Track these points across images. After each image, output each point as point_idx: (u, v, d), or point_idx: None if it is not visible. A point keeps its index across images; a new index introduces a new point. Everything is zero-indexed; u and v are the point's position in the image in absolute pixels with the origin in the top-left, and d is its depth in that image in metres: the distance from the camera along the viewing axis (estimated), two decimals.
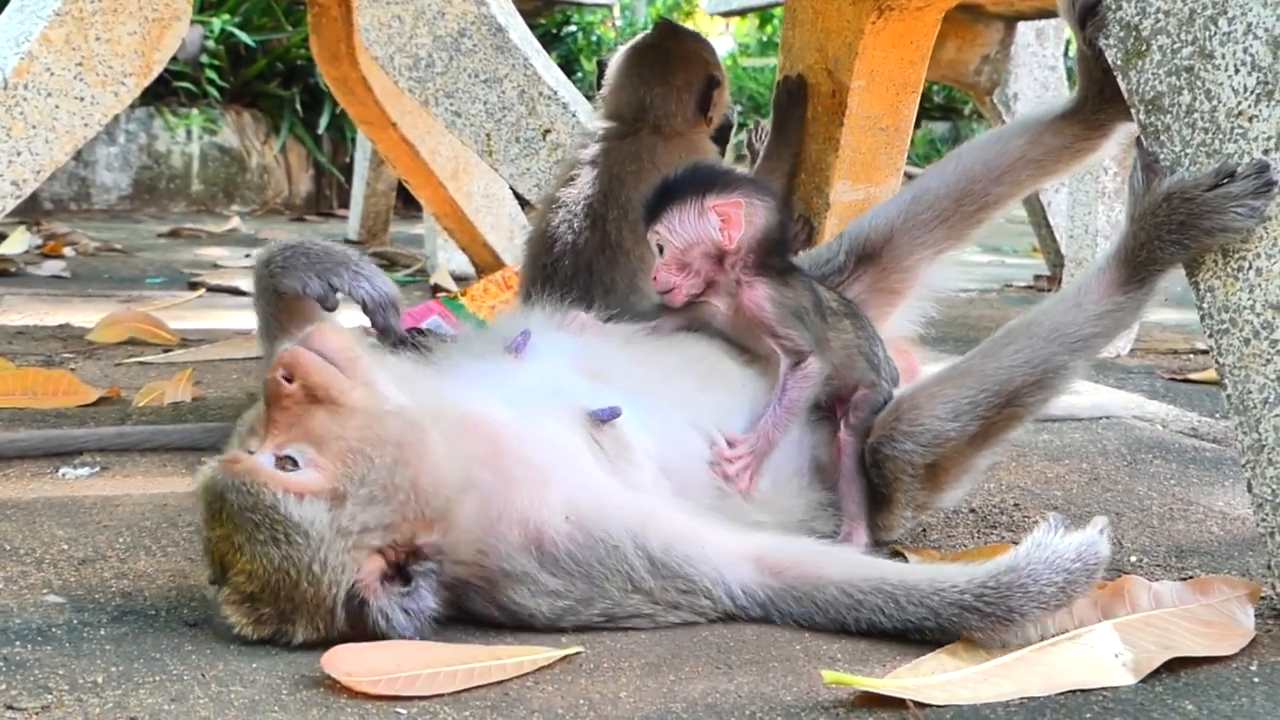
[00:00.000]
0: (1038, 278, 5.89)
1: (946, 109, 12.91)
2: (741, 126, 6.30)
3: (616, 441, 1.88)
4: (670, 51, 2.62)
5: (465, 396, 1.84)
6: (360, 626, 1.65)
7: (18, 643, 1.65)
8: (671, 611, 1.77)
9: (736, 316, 2.06)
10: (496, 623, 1.76)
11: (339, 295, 1.98)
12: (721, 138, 2.82)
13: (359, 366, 1.72)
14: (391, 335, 1.99)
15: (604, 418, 1.88)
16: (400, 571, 1.68)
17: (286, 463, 1.64)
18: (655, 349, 2.07)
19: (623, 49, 2.69)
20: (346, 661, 1.56)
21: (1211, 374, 1.90)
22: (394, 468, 1.66)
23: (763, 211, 2.06)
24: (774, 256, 2.07)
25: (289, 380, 1.66)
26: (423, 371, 1.91)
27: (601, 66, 2.73)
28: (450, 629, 1.74)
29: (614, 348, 2.05)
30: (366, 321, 2.02)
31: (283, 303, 2.00)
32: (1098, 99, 2.12)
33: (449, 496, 1.70)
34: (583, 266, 2.43)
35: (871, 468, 2.02)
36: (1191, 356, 4.15)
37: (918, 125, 3.35)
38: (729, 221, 2.02)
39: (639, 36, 2.73)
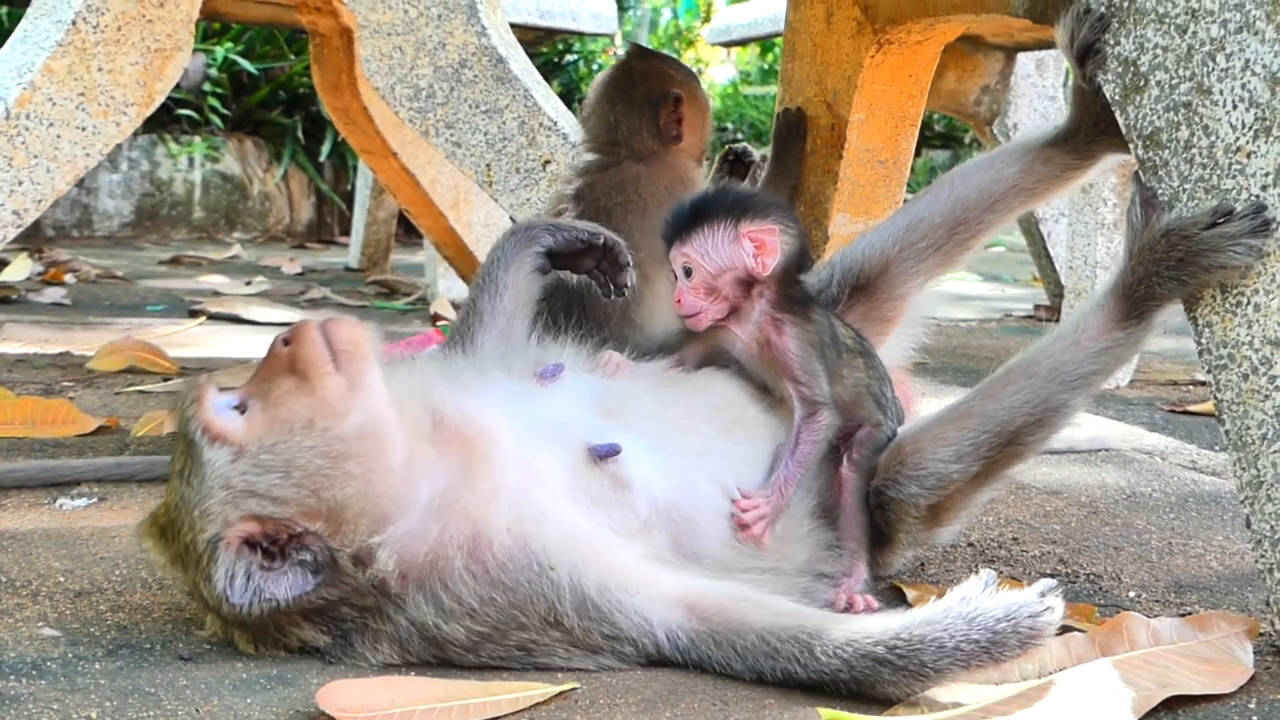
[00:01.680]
0: (1038, 307, 5.90)
1: (947, 137, 12.95)
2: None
3: (613, 479, 1.86)
4: (634, 70, 2.63)
5: (475, 405, 1.87)
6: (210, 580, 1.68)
7: (12, 677, 1.65)
8: (589, 656, 1.73)
9: (761, 351, 2.03)
10: (418, 657, 1.73)
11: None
12: (742, 171, 2.82)
13: (354, 364, 1.75)
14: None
15: (602, 454, 1.86)
16: (280, 550, 1.70)
17: (241, 408, 1.72)
18: (682, 392, 2.04)
19: (596, 78, 2.70)
20: (341, 697, 1.56)
21: (1211, 406, 1.89)
22: (312, 453, 1.69)
23: (791, 239, 2.04)
24: (795, 285, 2.05)
25: (286, 344, 1.75)
26: (448, 371, 1.96)
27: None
28: (444, 666, 1.74)
29: (642, 389, 2.02)
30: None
31: None
32: (1091, 130, 2.13)
33: (364, 510, 1.71)
34: (575, 300, 2.42)
35: (875, 510, 2.01)
36: (1191, 388, 4.14)
37: (918, 153, 3.35)
38: (763, 249, 1.98)
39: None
